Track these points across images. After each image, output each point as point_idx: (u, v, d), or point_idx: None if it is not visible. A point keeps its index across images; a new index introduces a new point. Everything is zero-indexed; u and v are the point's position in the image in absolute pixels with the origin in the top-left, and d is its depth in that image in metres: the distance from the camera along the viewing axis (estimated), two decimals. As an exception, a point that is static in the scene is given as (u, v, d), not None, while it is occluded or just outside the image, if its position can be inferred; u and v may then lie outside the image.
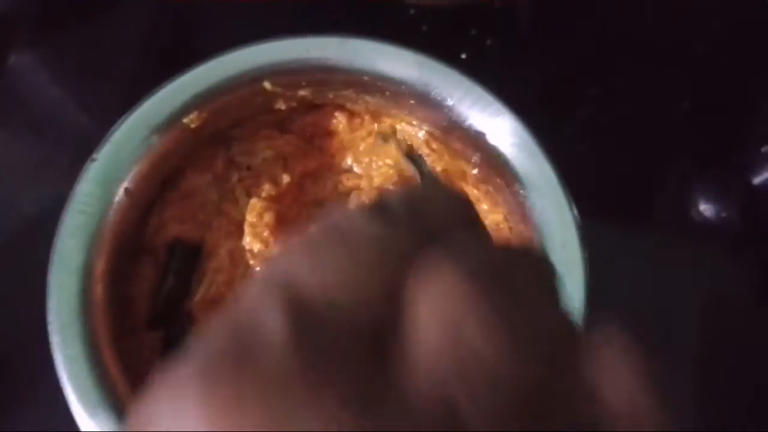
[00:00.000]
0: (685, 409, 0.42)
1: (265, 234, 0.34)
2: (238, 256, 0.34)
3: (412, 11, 0.48)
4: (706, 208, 0.47)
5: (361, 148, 0.37)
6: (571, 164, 0.34)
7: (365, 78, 0.33)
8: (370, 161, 0.37)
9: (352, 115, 0.37)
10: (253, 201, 0.34)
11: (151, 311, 0.33)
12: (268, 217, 0.34)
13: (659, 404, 0.14)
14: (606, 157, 0.47)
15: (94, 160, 0.30)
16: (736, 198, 0.47)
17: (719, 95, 0.49)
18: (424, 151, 0.37)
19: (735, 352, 0.44)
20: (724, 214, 0.47)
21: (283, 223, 0.35)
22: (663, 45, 0.50)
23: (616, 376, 0.14)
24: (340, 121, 0.37)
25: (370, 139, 0.37)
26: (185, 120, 0.32)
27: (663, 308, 0.44)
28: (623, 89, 0.48)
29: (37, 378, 0.41)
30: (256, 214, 0.34)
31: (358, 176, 0.37)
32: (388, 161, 0.36)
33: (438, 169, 0.37)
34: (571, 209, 0.31)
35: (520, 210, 0.31)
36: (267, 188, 0.35)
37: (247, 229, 0.34)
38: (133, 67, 0.48)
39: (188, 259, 0.33)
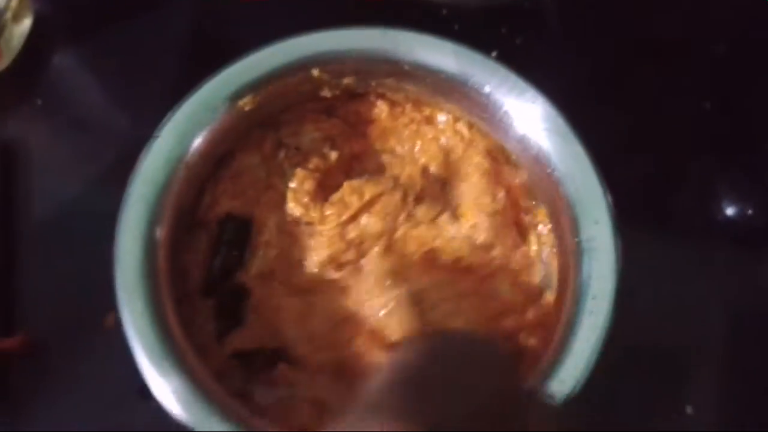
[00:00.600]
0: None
1: (306, 200, 0.36)
2: (284, 226, 0.36)
3: (444, 11, 0.50)
4: (728, 208, 0.48)
5: (404, 135, 0.40)
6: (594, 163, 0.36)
7: (406, 67, 0.36)
8: (413, 145, 0.40)
9: (393, 104, 0.40)
10: (298, 170, 0.37)
11: (205, 281, 0.36)
12: (309, 184, 0.36)
13: None
14: (629, 157, 0.48)
15: (156, 137, 0.33)
16: (759, 197, 0.49)
17: (740, 95, 0.51)
18: (465, 135, 0.39)
19: (759, 352, 0.45)
20: (747, 213, 0.48)
21: (325, 190, 0.38)
22: (685, 46, 0.52)
23: None
24: (382, 110, 0.40)
25: (413, 126, 0.40)
26: (240, 103, 0.35)
27: (686, 307, 0.45)
28: (646, 89, 0.50)
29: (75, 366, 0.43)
30: (297, 181, 0.36)
31: (401, 157, 0.40)
32: (434, 147, 0.39)
33: (480, 149, 0.39)
34: (603, 188, 0.33)
35: (555, 190, 0.34)
36: (315, 161, 0.38)
37: (288, 195, 0.37)
38: (172, 67, 0.51)
39: (239, 233, 0.36)
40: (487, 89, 0.35)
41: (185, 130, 0.34)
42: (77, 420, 0.42)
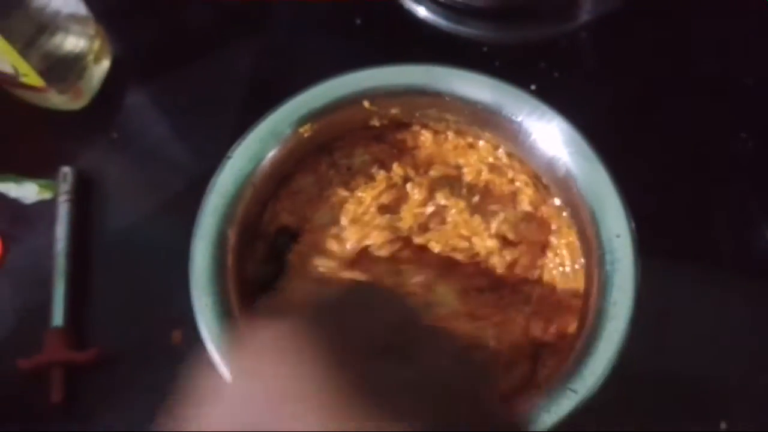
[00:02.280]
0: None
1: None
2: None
3: (485, 48, 0.57)
4: None
5: (449, 158, 0.46)
6: (630, 193, 0.40)
7: (446, 99, 0.43)
8: (457, 164, 0.46)
9: (436, 133, 0.47)
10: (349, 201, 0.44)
11: (257, 285, 0.43)
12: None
13: None
14: (668, 186, 0.53)
15: (229, 157, 0.41)
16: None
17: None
18: (504, 162, 0.46)
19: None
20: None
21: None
22: (722, 78, 0.56)
23: None
24: (426, 137, 0.46)
25: (459, 150, 0.46)
26: (301, 129, 0.43)
27: (722, 346, 0.48)
28: (682, 121, 0.55)
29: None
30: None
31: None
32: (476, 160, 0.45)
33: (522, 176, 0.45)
34: (623, 205, 0.39)
35: (581, 206, 0.40)
36: (360, 181, 0.44)
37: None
38: (234, 104, 0.57)
39: (288, 243, 0.44)
40: (518, 118, 0.42)
41: (254, 152, 0.41)
42: (144, 428, 0.46)
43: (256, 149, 0.41)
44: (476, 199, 0.44)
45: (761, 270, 0.51)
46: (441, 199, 0.43)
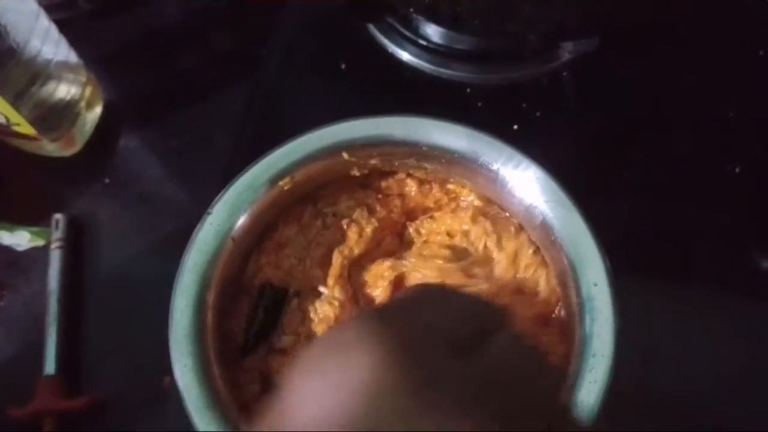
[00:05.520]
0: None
1: (339, 298, 0.43)
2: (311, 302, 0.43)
3: (468, 90, 0.57)
4: (764, 262, 0.51)
5: (435, 215, 0.46)
6: (613, 230, 0.40)
7: (424, 148, 0.43)
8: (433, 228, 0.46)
9: (421, 182, 0.46)
10: (335, 254, 0.44)
11: (244, 342, 0.42)
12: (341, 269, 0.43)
13: None
14: (658, 220, 0.53)
15: (209, 213, 0.41)
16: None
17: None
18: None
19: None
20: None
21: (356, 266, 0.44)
22: (704, 110, 0.57)
23: None
24: (411, 187, 0.46)
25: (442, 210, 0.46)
26: (280, 183, 0.42)
27: (716, 375, 0.48)
28: (664, 155, 0.55)
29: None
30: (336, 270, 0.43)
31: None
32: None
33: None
34: (601, 253, 0.38)
35: (558, 254, 0.40)
36: (351, 234, 0.44)
37: (329, 280, 0.43)
38: (224, 149, 0.58)
39: (276, 299, 0.43)
40: (495, 166, 0.41)
41: (233, 208, 0.41)
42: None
43: (235, 204, 0.41)
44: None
45: (751, 295, 0.51)
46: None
